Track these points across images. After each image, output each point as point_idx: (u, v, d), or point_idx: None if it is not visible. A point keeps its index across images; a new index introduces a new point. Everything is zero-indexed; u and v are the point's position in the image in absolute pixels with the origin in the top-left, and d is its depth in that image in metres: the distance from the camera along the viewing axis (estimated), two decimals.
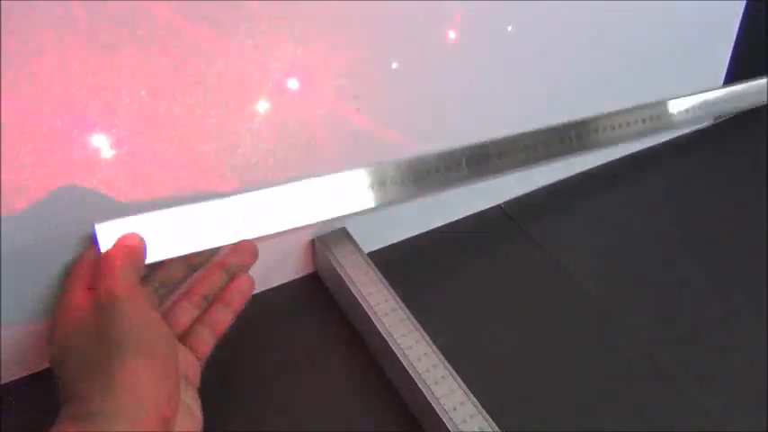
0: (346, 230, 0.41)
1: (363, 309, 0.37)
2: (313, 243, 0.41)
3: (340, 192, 0.37)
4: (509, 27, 0.42)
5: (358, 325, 0.39)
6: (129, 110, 0.32)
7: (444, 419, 0.32)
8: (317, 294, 0.41)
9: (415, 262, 0.44)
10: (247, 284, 0.35)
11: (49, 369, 0.29)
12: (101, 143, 0.32)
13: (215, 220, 0.34)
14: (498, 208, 0.49)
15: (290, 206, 0.36)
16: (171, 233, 0.33)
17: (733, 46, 0.52)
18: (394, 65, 0.39)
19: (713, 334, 0.40)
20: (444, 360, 0.35)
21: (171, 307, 0.34)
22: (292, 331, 0.39)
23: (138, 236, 0.32)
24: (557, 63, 0.46)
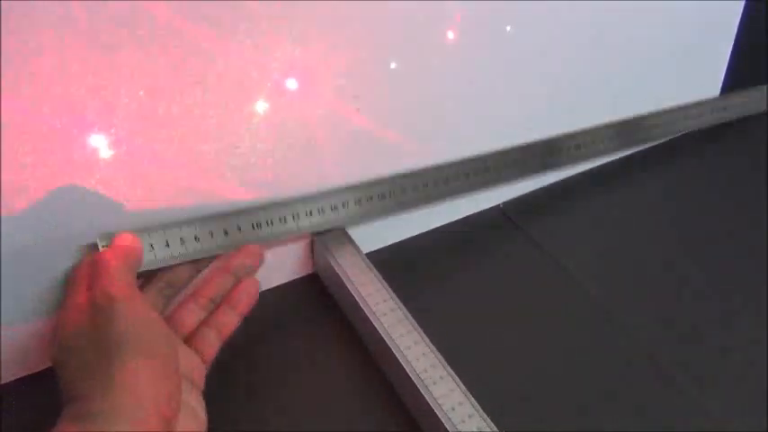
0: (345, 231, 0.41)
1: (362, 309, 0.37)
2: (312, 243, 0.41)
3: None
4: (508, 27, 0.42)
5: (357, 325, 0.39)
6: (129, 110, 0.32)
7: (443, 419, 0.32)
8: (317, 295, 0.41)
9: (415, 262, 0.43)
10: (254, 287, 0.35)
11: (50, 369, 0.29)
12: (100, 143, 0.32)
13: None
14: (497, 208, 0.49)
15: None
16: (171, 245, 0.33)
17: (732, 46, 0.52)
18: (394, 65, 0.39)
19: (713, 334, 0.40)
20: (443, 360, 0.34)
21: (177, 308, 0.34)
22: (291, 332, 0.39)
23: (134, 236, 0.32)
24: (556, 63, 0.46)
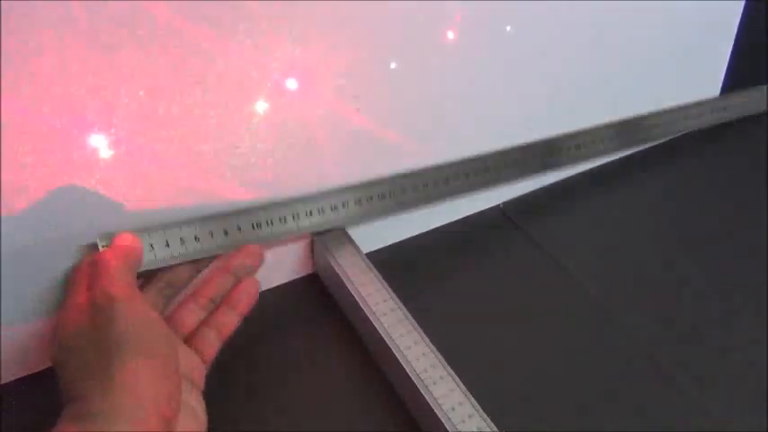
0: (345, 231, 0.41)
1: (362, 309, 0.37)
2: (312, 243, 0.41)
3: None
4: (508, 27, 0.42)
5: (357, 325, 0.39)
6: (129, 110, 0.32)
7: (443, 419, 0.32)
8: (316, 295, 0.41)
9: (415, 262, 0.43)
10: (254, 287, 0.35)
11: (50, 369, 0.29)
12: (100, 143, 0.32)
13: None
14: (497, 208, 0.49)
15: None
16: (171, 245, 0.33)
17: (732, 46, 0.52)
18: (394, 65, 0.39)
19: (713, 334, 0.40)
20: (443, 360, 0.34)
21: (177, 309, 0.34)
22: (291, 332, 0.39)
23: (133, 236, 0.32)
24: (556, 63, 0.46)
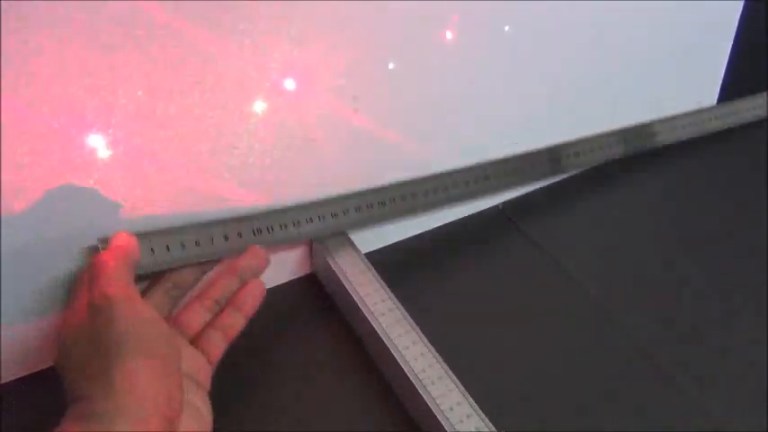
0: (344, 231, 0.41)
1: (360, 309, 0.37)
2: (311, 244, 0.41)
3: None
4: (507, 27, 0.42)
5: (355, 325, 0.39)
6: (127, 110, 0.32)
7: (441, 419, 0.32)
8: (315, 295, 0.41)
9: (413, 262, 0.43)
10: (259, 289, 0.35)
11: (51, 368, 0.29)
12: (98, 143, 0.32)
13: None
14: (497, 208, 0.49)
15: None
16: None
17: (732, 46, 0.52)
18: (392, 65, 0.39)
19: (713, 334, 0.40)
20: (441, 360, 0.34)
21: (182, 310, 0.34)
22: (289, 332, 0.39)
23: (129, 235, 0.32)
24: (556, 63, 0.46)
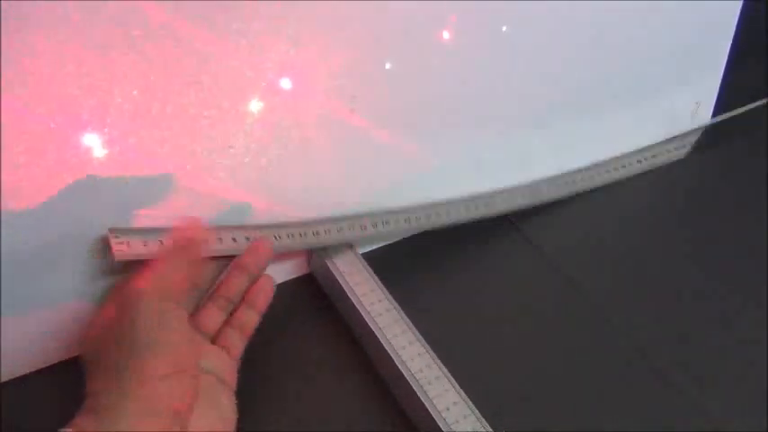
0: None
1: (357, 309, 0.37)
2: None
3: None
4: (504, 27, 0.42)
5: (352, 325, 0.38)
6: (122, 110, 0.32)
7: (437, 419, 0.32)
8: (312, 295, 0.41)
9: (411, 262, 0.43)
10: (269, 284, 0.36)
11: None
12: (94, 143, 0.32)
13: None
14: None
15: None
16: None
17: (731, 46, 0.52)
18: (390, 65, 0.39)
19: (713, 334, 0.40)
20: (438, 360, 0.34)
21: (199, 311, 0.34)
22: (287, 332, 0.39)
23: (195, 227, 0.33)
24: (555, 63, 0.46)
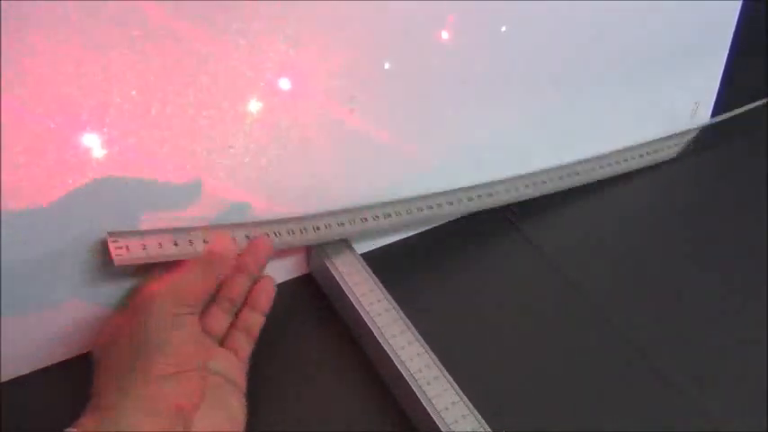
0: None
1: (357, 309, 0.37)
2: None
3: None
4: (503, 27, 0.42)
5: (351, 325, 0.38)
6: (122, 110, 0.32)
7: (436, 419, 0.32)
8: (312, 295, 0.41)
9: (410, 262, 0.43)
10: (270, 285, 0.36)
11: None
12: (93, 143, 0.32)
13: None
14: (495, 207, 0.48)
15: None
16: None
17: (731, 45, 0.52)
18: (389, 65, 0.39)
19: (713, 334, 0.40)
20: (437, 360, 0.34)
21: (204, 316, 0.34)
22: (286, 332, 0.39)
23: (225, 242, 0.34)
24: (555, 63, 0.46)
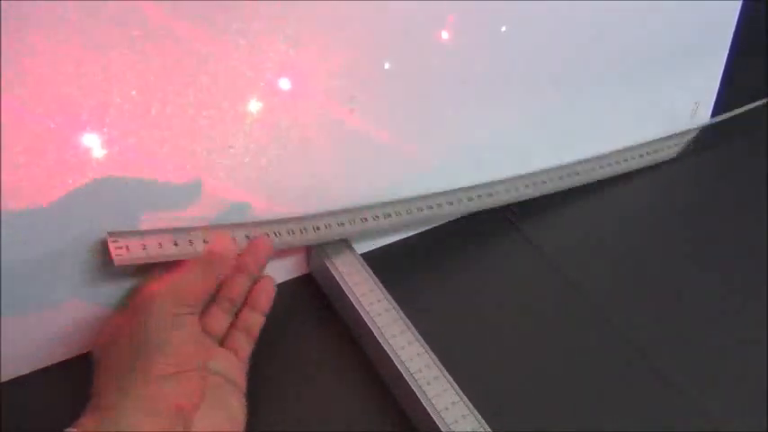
0: None
1: (357, 309, 0.37)
2: None
3: None
4: (503, 27, 0.42)
5: (351, 325, 0.38)
6: (122, 110, 0.32)
7: (436, 419, 0.32)
8: (312, 295, 0.41)
9: (410, 262, 0.43)
10: (269, 285, 0.36)
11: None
12: (93, 143, 0.32)
13: None
14: (494, 207, 0.48)
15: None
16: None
17: (730, 45, 0.52)
18: (389, 65, 0.39)
19: (713, 334, 0.40)
20: (437, 360, 0.34)
21: (204, 315, 0.34)
22: (286, 332, 0.39)
23: (225, 243, 0.34)
24: (555, 63, 0.46)
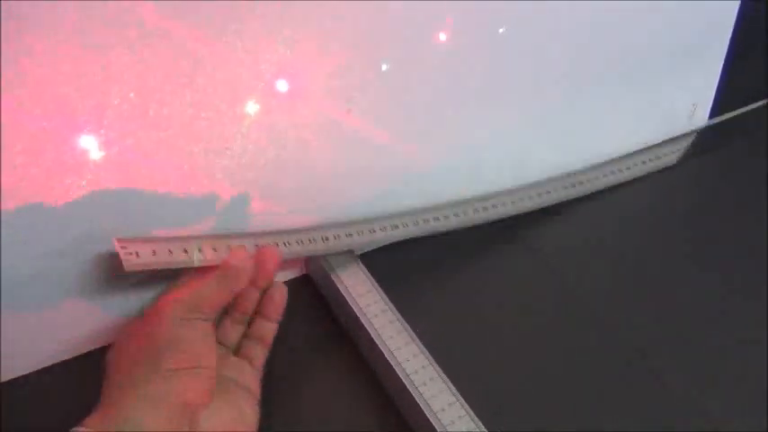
0: None
1: (353, 311, 0.37)
2: None
3: None
4: (501, 29, 0.42)
5: (348, 327, 0.38)
6: (119, 111, 0.32)
7: (432, 420, 0.32)
8: (309, 296, 0.41)
9: (408, 264, 0.43)
10: (280, 293, 0.35)
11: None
12: (91, 144, 0.32)
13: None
14: None
15: None
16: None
17: (729, 46, 0.52)
18: (387, 66, 0.39)
19: (713, 334, 0.40)
20: (434, 362, 0.34)
21: (217, 328, 0.34)
22: (283, 333, 0.38)
23: (241, 257, 0.33)
24: (555, 64, 0.46)
